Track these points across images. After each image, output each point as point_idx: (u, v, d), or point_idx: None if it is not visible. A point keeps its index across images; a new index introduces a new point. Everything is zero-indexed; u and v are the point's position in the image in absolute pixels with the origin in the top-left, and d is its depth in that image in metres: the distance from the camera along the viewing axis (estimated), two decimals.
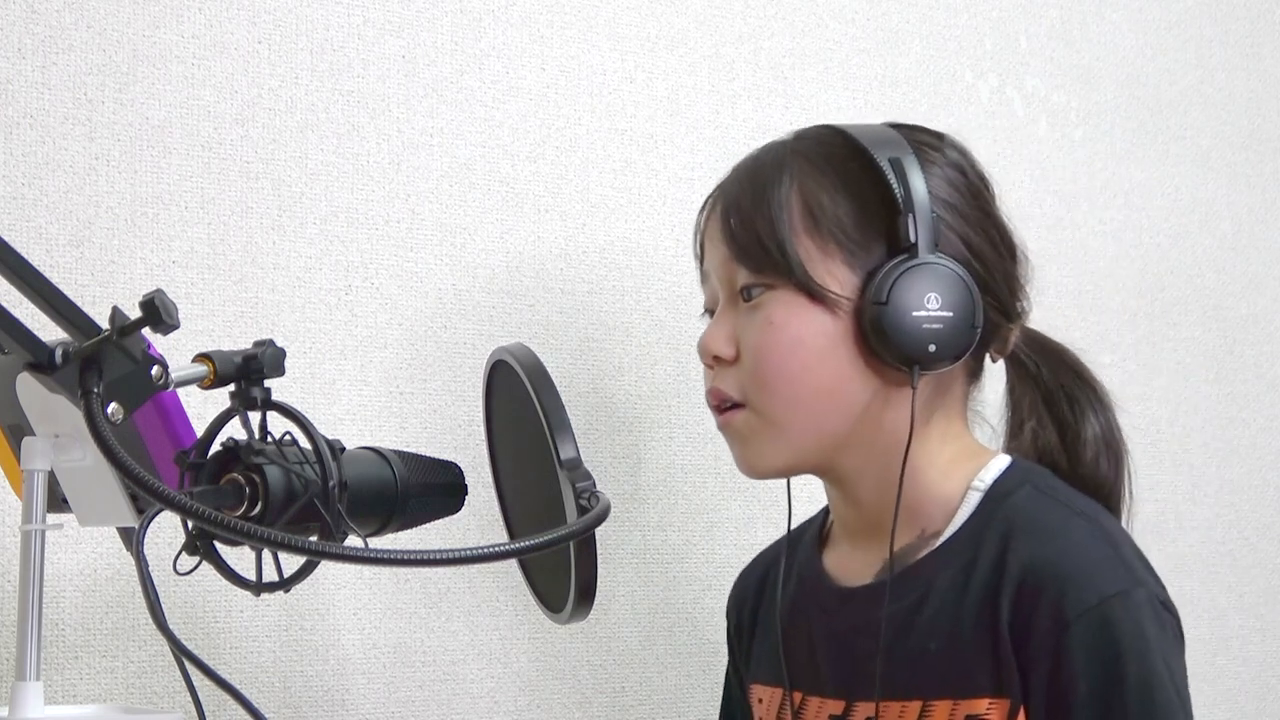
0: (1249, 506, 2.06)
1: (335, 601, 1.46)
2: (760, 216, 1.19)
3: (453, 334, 1.54)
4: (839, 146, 1.21)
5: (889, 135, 1.20)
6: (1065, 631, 1.09)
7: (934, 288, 1.14)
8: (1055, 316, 1.92)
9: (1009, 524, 1.15)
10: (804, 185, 1.19)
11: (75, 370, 0.89)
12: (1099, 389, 1.28)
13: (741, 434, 1.21)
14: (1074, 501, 1.18)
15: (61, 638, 1.33)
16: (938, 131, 1.24)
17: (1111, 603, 1.09)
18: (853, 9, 1.82)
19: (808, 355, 1.17)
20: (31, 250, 1.34)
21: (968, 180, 1.21)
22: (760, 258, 1.19)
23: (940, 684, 1.15)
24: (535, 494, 1.21)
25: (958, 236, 1.18)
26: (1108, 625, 1.09)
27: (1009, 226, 1.23)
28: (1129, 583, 1.11)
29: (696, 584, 1.65)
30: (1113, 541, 1.14)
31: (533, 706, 1.54)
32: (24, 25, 1.36)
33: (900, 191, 1.15)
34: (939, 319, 1.14)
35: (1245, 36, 2.14)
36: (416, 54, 1.54)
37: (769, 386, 1.18)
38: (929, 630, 1.16)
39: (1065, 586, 1.10)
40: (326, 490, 0.97)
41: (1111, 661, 1.08)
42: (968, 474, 1.20)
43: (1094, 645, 1.08)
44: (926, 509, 1.20)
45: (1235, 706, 2.00)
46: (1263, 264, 2.11)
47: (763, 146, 1.25)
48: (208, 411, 1.02)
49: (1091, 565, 1.11)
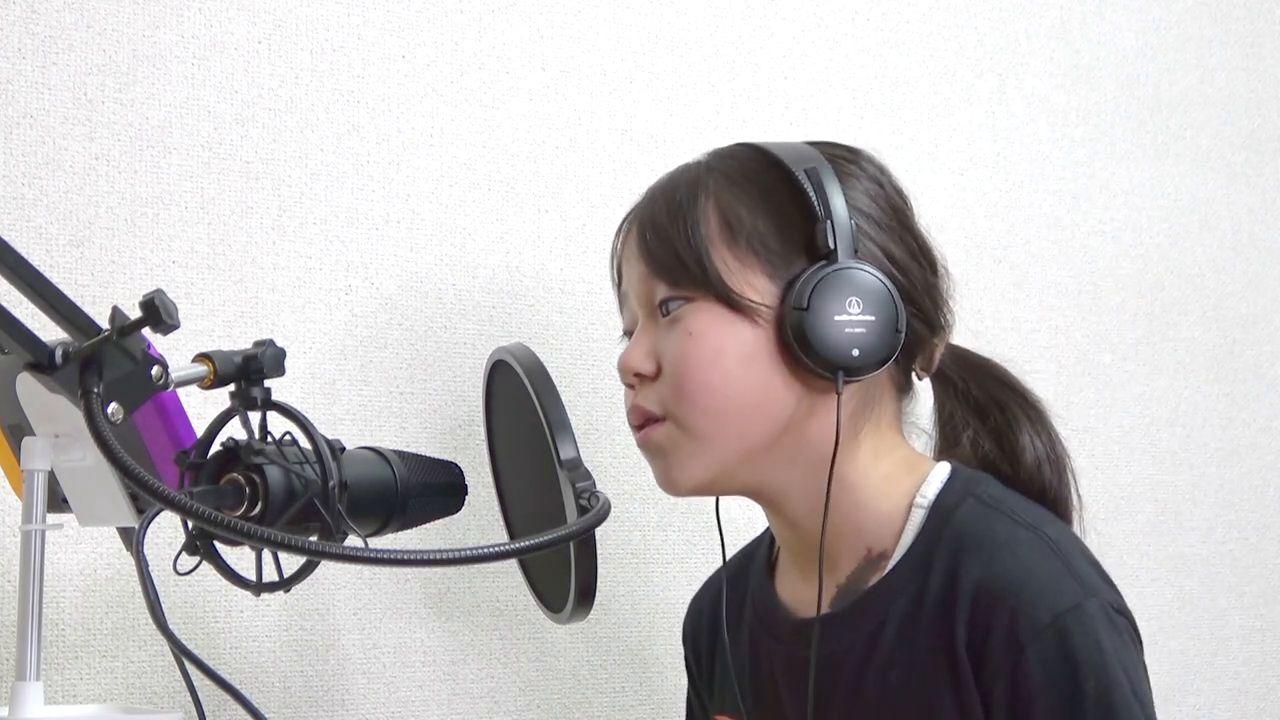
0: (1249, 506, 2.06)
1: (335, 601, 1.46)
2: (676, 230, 1.18)
3: (453, 334, 1.54)
4: (755, 161, 1.20)
5: (805, 149, 1.19)
6: (1021, 652, 1.07)
7: (855, 292, 1.13)
8: (1055, 316, 1.94)
9: (956, 542, 1.13)
10: (720, 199, 1.18)
11: (75, 370, 0.89)
12: (1030, 398, 1.26)
13: (662, 448, 1.19)
14: (1019, 513, 1.15)
15: (61, 638, 1.34)
16: (854, 147, 1.24)
17: (1065, 618, 1.07)
18: (853, 9, 1.82)
19: (729, 365, 1.15)
20: (31, 250, 1.34)
21: (885, 193, 1.20)
22: (678, 270, 1.17)
23: (904, 713, 1.14)
24: (535, 494, 1.21)
25: (877, 246, 1.17)
26: (1063, 641, 1.07)
27: (929, 241, 1.22)
28: (1080, 595, 1.09)
29: (696, 584, 1.65)
30: (1061, 553, 1.12)
31: (533, 706, 1.54)
32: (24, 25, 1.36)
33: (817, 200, 1.15)
34: (861, 323, 1.12)
35: (1245, 36, 2.14)
36: (416, 54, 1.54)
37: (690, 398, 1.16)
38: (888, 659, 1.15)
39: (1018, 605, 1.08)
40: (326, 490, 0.97)
41: (1070, 678, 1.07)
42: (908, 488, 1.18)
43: (1051, 663, 1.07)
44: (869, 527, 1.18)
45: (1235, 706, 2.00)
46: (1263, 264, 2.11)
47: (677, 167, 1.24)
48: (208, 411, 1.02)
49: (1042, 581, 1.09)
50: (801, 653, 1.20)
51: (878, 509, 1.18)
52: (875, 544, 1.18)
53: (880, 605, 1.16)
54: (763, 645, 1.26)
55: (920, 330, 1.19)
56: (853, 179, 1.19)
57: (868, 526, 1.18)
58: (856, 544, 1.19)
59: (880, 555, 1.18)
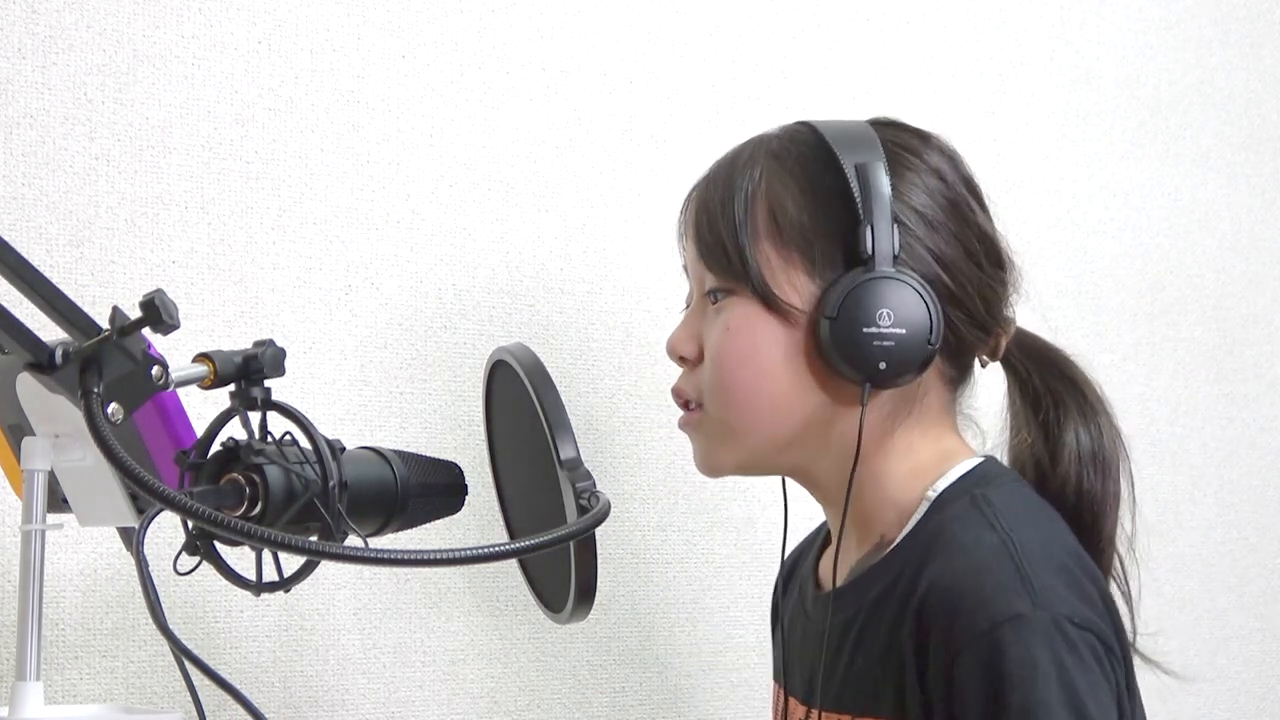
0: (1249, 506, 2.06)
1: (335, 601, 1.46)
2: (725, 219, 1.17)
3: (453, 334, 1.54)
4: (810, 146, 1.17)
5: (863, 137, 1.16)
6: (956, 657, 1.05)
7: (887, 303, 1.11)
8: (1055, 316, 1.93)
9: (933, 539, 1.12)
10: (771, 187, 1.17)
11: (75, 370, 0.89)
12: (1089, 393, 1.24)
13: (699, 434, 1.21)
14: (1001, 517, 1.12)
15: (61, 638, 1.33)
16: (924, 132, 1.21)
17: (1001, 629, 1.04)
18: (853, 9, 1.82)
19: (761, 364, 1.15)
20: (31, 250, 1.34)
21: (946, 186, 1.18)
22: (723, 262, 1.17)
23: (861, 700, 1.13)
24: (535, 494, 1.21)
25: (925, 248, 1.15)
26: (995, 652, 1.03)
27: (993, 232, 1.20)
28: (1025, 606, 1.04)
29: (696, 584, 1.65)
30: (1024, 560, 1.07)
31: (533, 706, 1.54)
32: (24, 25, 1.36)
33: (862, 200, 1.13)
34: (891, 336, 1.11)
35: (1245, 36, 2.14)
36: (416, 54, 1.54)
37: (722, 392, 1.18)
38: (856, 645, 1.15)
39: (957, 609, 1.06)
40: (326, 490, 0.97)
41: (997, 691, 1.03)
42: (928, 481, 1.17)
43: (981, 672, 1.04)
44: (885, 515, 1.18)
45: (1235, 706, 2.00)
46: (1263, 264, 2.11)
47: (745, 141, 1.22)
48: (208, 411, 1.02)
49: (989, 589, 1.06)
50: (814, 625, 1.22)
51: (896, 500, 1.18)
52: (887, 531, 1.18)
53: (861, 591, 1.16)
54: (797, 614, 1.28)
55: (967, 332, 1.17)
56: (910, 172, 1.16)
57: (885, 515, 1.18)
58: (872, 529, 1.19)
59: (888, 543, 1.18)
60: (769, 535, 1.64)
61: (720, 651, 1.64)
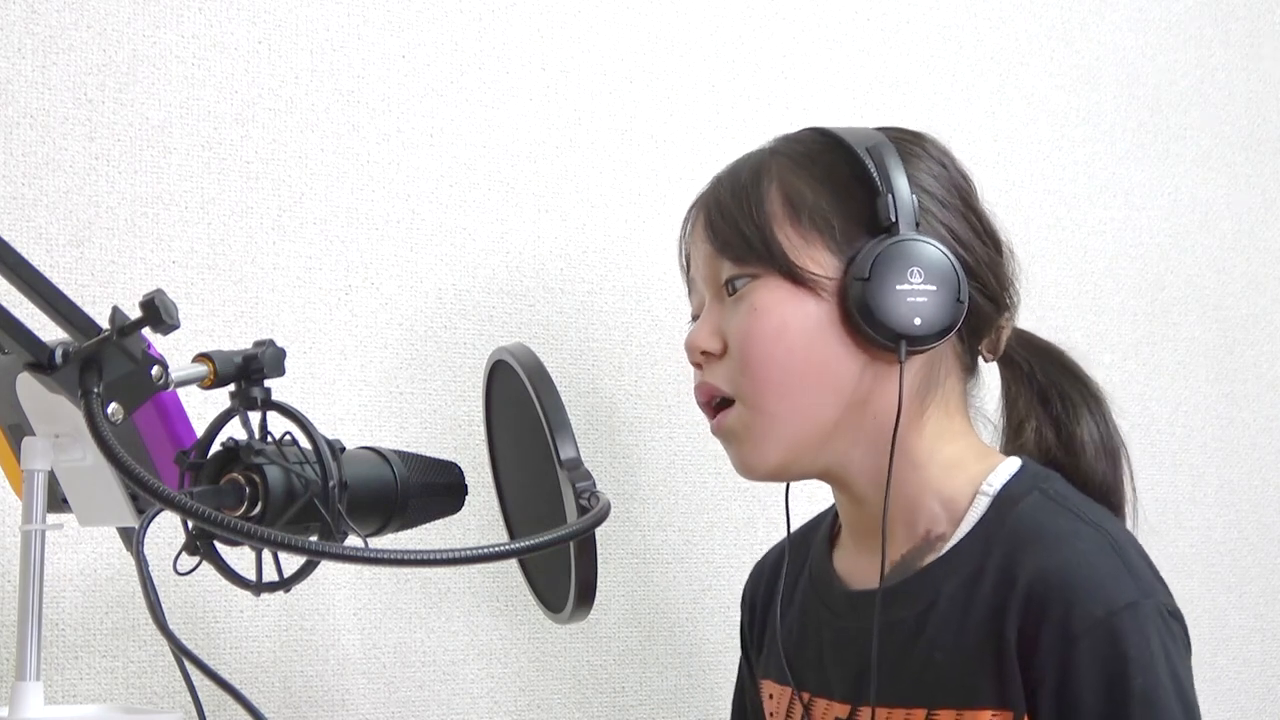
0: (1249, 506, 2.06)
1: (335, 601, 1.46)
2: (741, 209, 1.20)
3: (453, 334, 1.54)
4: (818, 143, 1.22)
5: (869, 132, 1.21)
6: (1073, 645, 1.08)
7: (916, 263, 1.14)
8: (1055, 316, 1.93)
9: (1017, 532, 1.14)
10: (784, 179, 1.20)
11: (75, 370, 0.89)
12: (1092, 387, 1.27)
13: (735, 432, 1.21)
14: (1083, 510, 1.17)
15: (61, 638, 1.34)
16: (918, 131, 1.25)
17: (1120, 615, 1.08)
18: (853, 9, 1.82)
19: (794, 339, 1.17)
20: (31, 250, 1.34)
21: (948, 173, 1.22)
22: (742, 248, 1.19)
23: (944, 693, 1.14)
24: (535, 494, 1.21)
25: (940, 223, 1.18)
26: (1115, 638, 1.08)
27: (994, 223, 1.23)
28: (1137, 594, 1.10)
29: (696, 584, 1.65)
30: (1120, 551, 1.13)
31: (533, 706, 1.54)
32: (24, 25, 1.36)
33: (879, 175, 1.16)
34: (923, 292, 1.14)
35: (1245, 36, 2.14)
36: (416, 54, 1.54)
37: (756, 373, 1.18)
38: (935, 639, 1.15)
39: (1072, 599, 1.09)
40: (326, 490, 0.97)
41: (1118, 675, 1.07)
42: (974, 475, 1.19)
43: (1101, 659, 1.08)
44: (929, 508, 1.19)
45: (1235, 706, 2.00)
46: (1263, 264, 2.11)
47: (741, 155, 1.26)
48: (208, 411, 1.02)
49: (1099, 577, 1.10)
50: (851, 624, 1.22)
51: (940, 491, 1.19)
52: (934, 526, 1.19)
53: (933, 585, 1.17)
54: (815, 615, 1.28)
55: (984, 306, 1.20)
56: (916, 159, 1.20)
57: (928, 508, 1.19)
58: (915, 524, 1.20)
59: (938, 538, 1.18)
60: (769, 535, 1.64)
61: (720, 651, 1.64)
